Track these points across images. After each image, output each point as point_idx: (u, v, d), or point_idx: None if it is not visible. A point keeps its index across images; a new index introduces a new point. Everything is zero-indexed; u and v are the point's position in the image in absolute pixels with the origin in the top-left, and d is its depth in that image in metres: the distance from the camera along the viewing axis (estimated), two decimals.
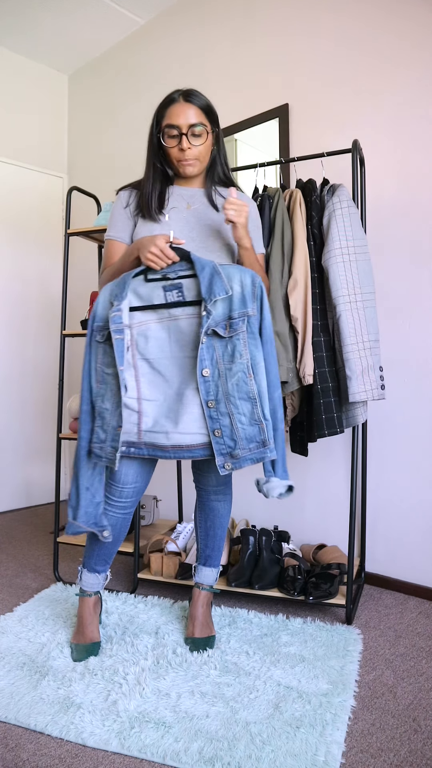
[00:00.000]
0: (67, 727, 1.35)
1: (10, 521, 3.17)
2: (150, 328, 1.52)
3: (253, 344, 1.49)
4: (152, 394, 1.53)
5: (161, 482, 2.94)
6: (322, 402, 1.85)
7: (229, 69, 2.70)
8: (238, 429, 1.47)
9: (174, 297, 1.51)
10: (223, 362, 1.48)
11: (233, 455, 1.48)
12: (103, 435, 1.54)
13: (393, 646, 1.75)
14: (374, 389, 1.81)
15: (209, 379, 1.47)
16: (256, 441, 1.48)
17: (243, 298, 1.49)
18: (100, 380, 1.54)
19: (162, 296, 1.52)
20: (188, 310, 1.51)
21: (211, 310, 1.46)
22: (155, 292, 1.53)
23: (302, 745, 1.28)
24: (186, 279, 1.51)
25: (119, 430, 1.50)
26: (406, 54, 2.11)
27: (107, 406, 1.53)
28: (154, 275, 1.53)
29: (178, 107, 1.57)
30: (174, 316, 1.52)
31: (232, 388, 1.47)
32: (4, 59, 3.38)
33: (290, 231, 1.90)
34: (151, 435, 1.52)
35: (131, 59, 3.23)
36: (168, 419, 1.50)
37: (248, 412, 1.47)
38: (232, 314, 1.48)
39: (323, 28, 2.34)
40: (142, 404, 1.52)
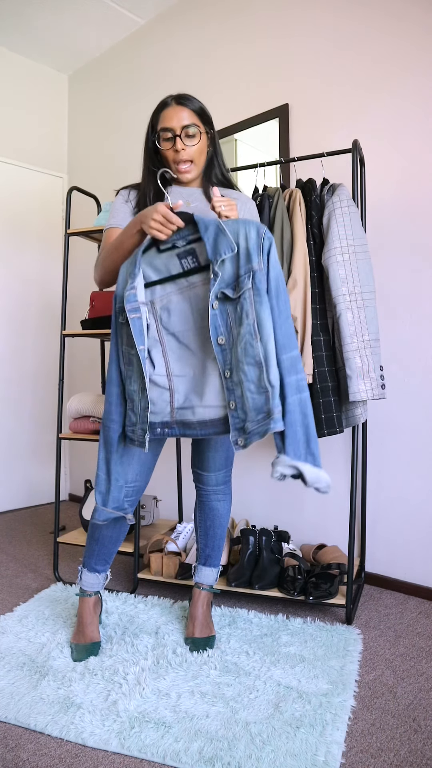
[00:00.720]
0: (67, 727, 1.35)
1: (10, 521, 3.17)
2: (172, 300, 1.47)
3: (259, 302, 1.36)
4: (182, 369, 1.47)
5: (161, 482, 2.94)
6: (321, 401, 1.85)
7: (229, 69, 2.70)
8: (247, 399, 1.36)
9: (190, 264, 1.44)
10: (235, 326, 1.39)
11: (245, 429, 1.38)
12: (134, 417, 1.51)
13: (393, 646, 1.75)
14: (374, 388, 1.81)
15: (225, 347, 1.39)
16: (262, 412, 1.35)
17: (248, 253, 1.38)
18: (127, 362, 1.50)
19: (178, 265, 1.46)
20: (205, 275, 1.45)
21: (218, 272, 1.38)
22: (172, 262, 1.46)
23: (302, 745, 1.28)
24: (197, 243, 1.44)
25: (146, 412, 1.46)
26: (406, 54, 2.11)
27: (135, 388, 1.49)
28: (165, 245, 1.46)
29: (170, 110, 1.58)
30: (193, 284, 1.46)
31: (241, 354, 1.36)
32: (4, 59, 3.38)
33: (290, 230, 1.90)
34: (181, 412, 1.48)
35: (131, 59, 3.23)
36: (195, 393, 1.45)
37: (256, 378, 1.35)
38: (240, 272, 1.39)
39: (323, 28, 2.34)
40: (172, 381, 1.47)
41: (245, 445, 1.38)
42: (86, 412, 2.35)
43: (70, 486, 3.75)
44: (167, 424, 1.49)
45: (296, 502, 2.46)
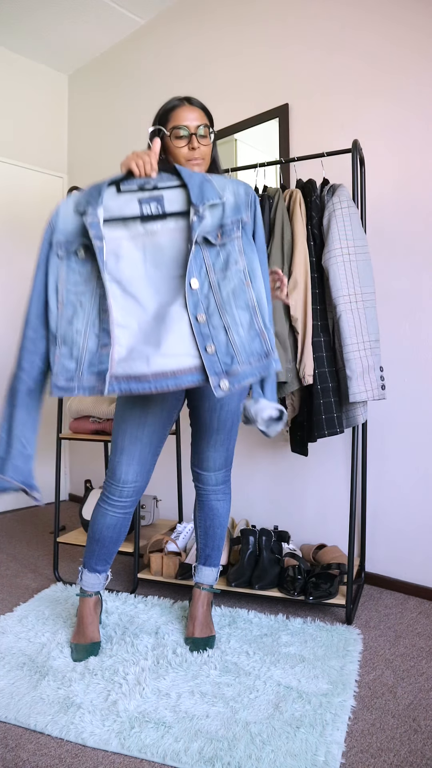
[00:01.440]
0: (67, 727, 1.35)
1: (10, 521, 3.17)
2: (122, 246, 1.37)
3: (250, 249, 1.38)
4: (125, 319, 1.37)
5: (161, 482, 2.94)
6: (322, 402, 1.85)
7: (229, 69, 2.70)
8: (236, 342, 1.34)
9: (152, 209, 1.36)
10: (214, 271, 1.36)
11: (230, 372, 1.33)
12: (73, 364, 1.36)
13: (393, 646, 1.75)
14: (374, 389, 1.81)
15: (197, 291, 1.34)
16: (257, 353, 1.35)
17: (237, 206, 1.39)
18: (64, 301, 1.37)
19: (137, 209, 1.37)
20: (169, 224, 1.37)
21: (204, 215, 1.34)
22: (129, 205, 1.37)
23: (302, 745, 1.28)
24: (167, 190, 1.38)
25: (104, 351, 1.34)
26: (406, 54, 2.10)
27: (78, 328, 1.36)
28: (128, 186, 1.38)
29: (184, 110, 1.60)
30: (151, 232, 1.38)
31: (228, 298, 1.35)
32: (4, 59, 3.37)
33: (290, 231, 1.90)
34: (126, 365, 1.34)
35: (131, 59, 3.23)
36: (147, 344, 1.34)
37: (247, 322, 1.35)
38: (224, 221, 1.38)
39: (323, 28, 2.34)
40: (114, 330, 1.36)
41: (229, 390, 1.33)
42: (86, 412, 2.35)
43: (70, 486, 3.75)
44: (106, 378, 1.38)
45: (296, 502, 2.46)
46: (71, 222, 1.39)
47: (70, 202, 1.40)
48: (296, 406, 1.99)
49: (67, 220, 1.40)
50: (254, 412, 1.38)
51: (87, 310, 1.37)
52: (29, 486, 1.42)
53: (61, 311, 1.38)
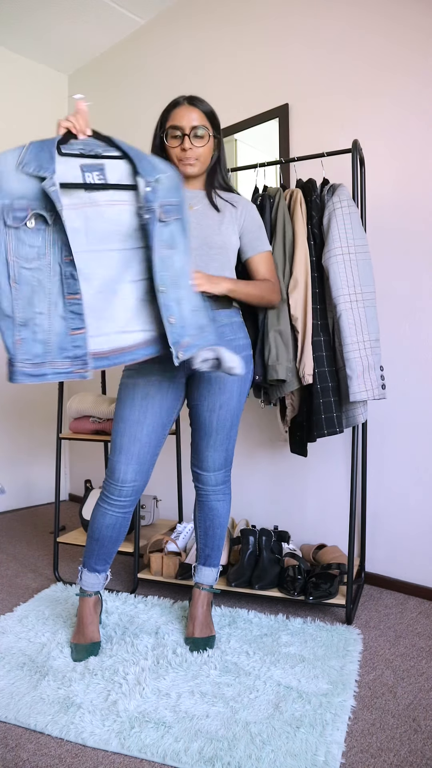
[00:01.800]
0: (67, 727, 1.35)
1: (10, 521, 3.17)
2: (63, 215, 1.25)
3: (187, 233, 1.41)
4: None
5: (161, 482, 2.94)
6: (321, 402, 1.85)
7: (229, 69, 2.70)
8: (186, 315, 1.37)
9: (95, 178, 1.29)
10: (165, 247, 1.35)
11: (182, 343, 1.35)
12: (40, 348, 1.27)
13: (393, 646, 1.75)
14: (375, 389, 1.81)
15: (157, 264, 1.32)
16: (198, 326, 1.40)
17: (174, 188, 1.39)
18: (18, 279, 1.24)
19: (80, 176, 1.29)
20: (112, 195, 1.30)
21: (156, 187, 1.31)
22: (71, 172, 1.29)
23: (302, 745, 1.28)
24: (108, 160, 1.32)
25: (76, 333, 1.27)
26: (406, 54, 2.10)
27: (40, 310, 1.26)
28: (69, 149, 1.30)
29: (182, 109, 1.61)
30: (93, 202, 1.29)
31: (178, 275, 1.36)
32: (4, 59, 3.38)
33: (291, 231, 1.90)
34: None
35: (131, 59, 3.23)
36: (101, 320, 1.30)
37: (190, 297, 1.39)
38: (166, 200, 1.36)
39: (323, 28, 2.34)
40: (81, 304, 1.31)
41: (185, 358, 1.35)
42: (86, 412, 2.35)
43: (70, 486, 3.75)
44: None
45: (296, 502, 2.46)
46: (15, 182, 1.23)
47: (10, 157, 1.24)
48: (296, 405, 1.99)
49: (10, 178, 1.23)
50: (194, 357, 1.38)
51: (47, 288, 1.26)
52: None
53: (15, 289, 1.25)
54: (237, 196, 1.75)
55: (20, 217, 1.24)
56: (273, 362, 1.85)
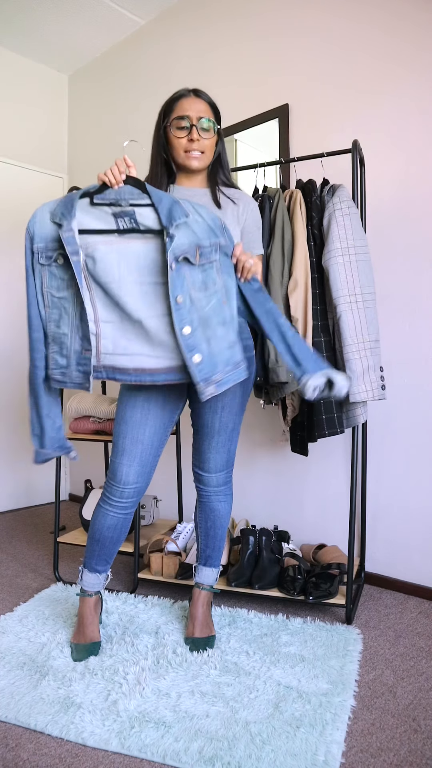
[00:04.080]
0: (67, 727, 1.35)
1: (10, 521, 3.18)
2: (97, 249, 1.45)
3: (227, 270, 1.50)
4: (109, 315, 1.48)
5: (161, 482, 2.94)
6: (322, 402, 1.86)
7: (229, 69, 2.70)
8: (215, 353, 1.46)
9: (127, 224, 1.45)
10: (195, 290, 1.45)
11: (213, 379, 1.46)
12: (64, 360, 1.51)
13: (393, 646, 1.75)
14: (375, 389, 1.81)
15: (182, 305, 1.43)
16: (232, 362, 1.50)
17: (211, 229, 1.47)
18: (50, 305, 1.51)
19: (113, 222, 1.46)
20: (144, 236, 1.46)
21: (174, 235, 1.41)
22: (104, 219, 1.46)
23: (302, 745, 1.28)
24: (139, 207, 1.45)
25: (86, 354, 1.47)
26: (406, 54, 2.11)
27: (64, 331, 1.50)
28: (101, 199, 1.45)
29: (188, 100, 1.62)
30: (126, 241, 1.46)
31: (210, 314, 1.46)
32: (4, 59, 3.38)
33: (290, 231, 1.90)
34: (111, 357, 1.49)
35: (131, 60, 3.23)
36: (129, 341, 1.47)
37: (223, 335, 1.48)
38: (202, 243, 1.45)
39: (323, 28, 2.34)
40: (99, 326, 1.49)
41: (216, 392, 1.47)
42: (86, 412, 2.35)
43: (70, 486, 3.75)
44: (94, 367, 1.51)
45: (296, 502, 2.46)
46: (48, 230, 1.47)
47: (46, 209, 1.48)
48: (296, 405, 1.99)
49: (45, 227, 1.47)
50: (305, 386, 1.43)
51: (70, 314, 1.48)
52: (66, 449, 1.61)
53: (48, 314, 1.51)
54: (239, 192, 1.73)
55: (51, 256, 1.47)
56: (273, 365, 1.85)
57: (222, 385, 1.48)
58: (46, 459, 1.61)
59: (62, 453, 1.61)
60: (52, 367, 1.53)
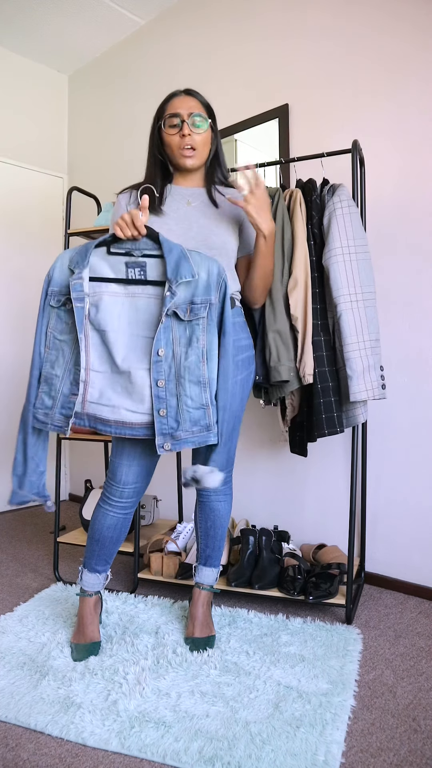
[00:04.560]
0: (67, 727, 1.35)
1: (10, 521, 3.17)
2: (102, 299, 1.51)
3: (211, 332, 1.52)
4: (100, 365, 1.52)
5: (161, 482, 2.94)
6: (322, 401, 1.85)
7: (229, 69, 2.70)
8: (183, 411, 1.49)
9: (135, 274, 1.51)
10: (179, 345, 1.50)
11: (174, 436, 1.49)
12: (50, 401, 1.53)
13: (393, 645, 1.75)
14: (375, 389, 1.81)
15: (162, 359, 1.48)
16: (200, 425, 1.51)
17: (208, 286, 1.51)
18: (50, 346, 1.55)
19: (123, 272, 1.52)
20: (148, 290, 1.51)
21: (176, 291, 1.47)
22: (116, 267, 1.53)
23: (302, 745, 1.28)
24: (150, 258, 1.51)
25: (72, 398, 1.50)
26: (406, 54, 2.11)
27: (57, 373, 1.53)
28: (117, 249, 1.52)
29: (179, 99, 1.64)
30: (131, 293, 1.52)
31: (184, 371, 1.49)
32: (4, 59, 3.38)
33: (290, 231, 1.90)
34: (95, 407, 1.52)
35: (131, 60, 3.23)
36: (115, 393, 1.51)
37: (196, 395, 1.50)
38: (194, 299, 1.50)
39: (323, 28, 2.34)
40: (89, 374, 1.52)
41: (171, 450, 1.49)
42: None
43: (70, 486, 3.75)
44: (76, 414, 1.54)
45: (296, 502, 2.46)
46: (65, 276, 1.54)
47: (66, 256, 1.56)
48: (296, 405, 1.99)
49: (62, 273, 1.54)
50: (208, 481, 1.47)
51: (66, 357, 1.53)
52: (43, 497, 1.60)
53: (46, 354, 1.56)
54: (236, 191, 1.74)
55: (61, 300, 1.53)
56: (275, 363, 1.85)
57: (180, 445, 1.49)
58: (21, 502, 1.59)
59: (39, 500, 1.59)
60: (38, 407, 1.55)
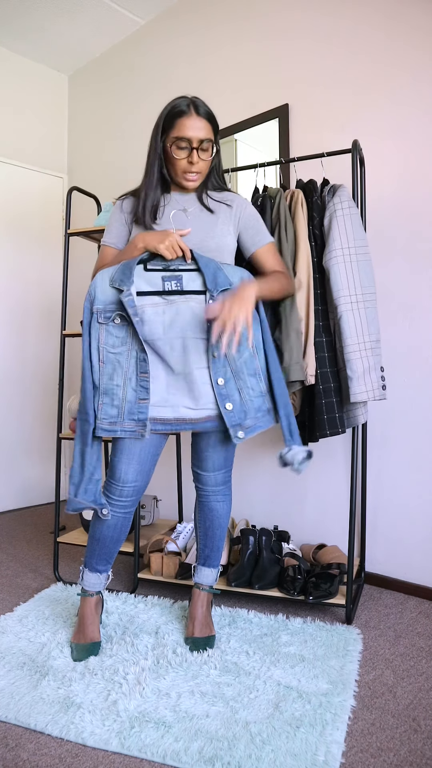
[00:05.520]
0: (67, 727, 1.35)
1: (10, 521, 3.18)
2: (145, 312, 1.60)
3: (256, 328, 1.66)
4: (154, 372, 1.62)
5: (161, 482, 2.94)
6: (323, 402, 1.85)
7: (229, 69, 2.70)
8: (247, 401, 1.62)
9: (172, 286, 1.62)
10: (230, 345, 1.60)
11: (243, 425, 1.61)
12: (114, 411, 1.61)
13: (393, 646, 1.75)
14: (375, 389, 1.81)
15: (218, 360, 1.60)
16: (262, 410, 1.65)
17: None
18: (104, 360, 1.61)
19: (160, 285, 1.62)
20: (187, 297, 1.61)
21: (217, 298, 1.57)
22: (153, 282, 1.62)
23: (302, 745, 1.28)
24: (186, 272, 1.62)
25: (142, 402, 1.59)
26: (406, 54, 2.11)
27: (117, 383, 1.60)
28: (155, 266, 1.62)
29: (190, 120, 1.57)
30: (171, 301, 1.61)
31: (242, 366, 1.63)
32: (4, 59, 3.38)
33: (292, 231, 1.90)
34: (155, 409, 1.62)
35: (131, 60, 3.23)
36: (172, 395, 1.61)
37: (255, 385, 1.64)
38: None
39: (323, 28, 2.34)
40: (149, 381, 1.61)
41: (245, 438, 1.61)
42: None
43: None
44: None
45: (296, 502, 2.46)
46: (108, 294, 1.62)
47: (106, 276, 1.64)
48: (298, 406, 1.99)
49: (105, 291, 1.62)
50: (290, 457, 1.59)
51: (124, 367, 1.60)
52: (99, 504, 1.67)
53: (102, 368, 1.63)
54: (231, 194, 1.75)
55: (108, 317, 1.61)
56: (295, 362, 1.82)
57: (251, 431, 1.62)
58: (77, 509, 1.65)
59: (95, 507, 1.65)
60: (102, 417, 1.62)
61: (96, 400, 1.63)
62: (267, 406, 1.65)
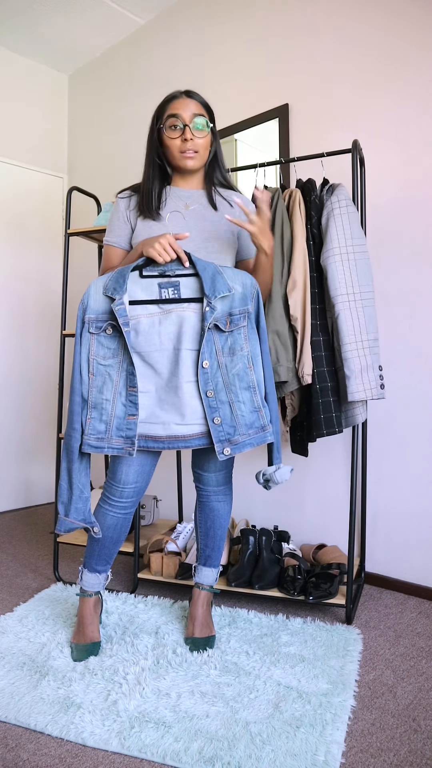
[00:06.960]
0: (67, 727, 1.35)
1: (10, 521, 3.18)
2: (140, 322, 1.55)
3: (253, 338, 1.58)
4: (145, 385, 1.56)
5: (161, 482, 2.94)
6: (321, 402, 1.85)
7: (229, 69, 2.70)
8: (238, 416, 1.54)
9: (169, 294, 1.55)
10: (222, 354, 1.55)
11: (232, 441, 1.54)
12: (103, 426, 1.56)
13: (393, 646, 1.75)
14: (373, 389, 1.81)
15: (207, 370, 1.53)
16: (255, 426, 1.56)
17: (244, 297, 1.57)
18: (94, 372, 1.56)
19: (157, 293, 1.56)
20: (183, 306, 1.55)
21: (215, 306, 1.51)
22: (149, 289, 1.56)
23: (302, 745, 1.28)
24: (183, 278, 1.55)
25: (131, 419, 1.53)
26: (407, 54, 2.11)
27: (106, 397, 1.55)
28: (150, 272, 1.56)
29: (180, 101, 1.62)
30: (166, 311, 1.55)
31: (233, 378, 1.55)
32: (4, 59, 3.38)
33: (289, 231, 1.90)
34: (145, 426, 1.56)
35: (131, 59, 3.23)
36: (163, 411, 1.54)
37: (248, 400, 1.56)
38: (233, 311, 1.55)
39: (323, 28, 2.34)
40: (137, 395, 1.56)
41: (231, 454, 1.54)
42: None
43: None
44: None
45: (296, 502, 2.46)
46: (100, 302, 1.56)
47: (99, 284, 1.58)
48: (295, 405, 1.99)
49: (98, 300, 1.56)
50: (279, 476, 1.58)
51: (114, 381, 1.55)
52: (90, 522, 1.63)
53: (91, 380, 1.57)
54: (236, 194, 1.74)
55: (100, 326, 1.56)
56: (274, 364, 1.85)
57: (240, 448, 1.54)
58: (69, 529, 1.62)
59: (86, 525, 1.62)
60: (89, 433, 1.57)
61: (84, 414, 1.57)
62: (261, 423, 1.56)
